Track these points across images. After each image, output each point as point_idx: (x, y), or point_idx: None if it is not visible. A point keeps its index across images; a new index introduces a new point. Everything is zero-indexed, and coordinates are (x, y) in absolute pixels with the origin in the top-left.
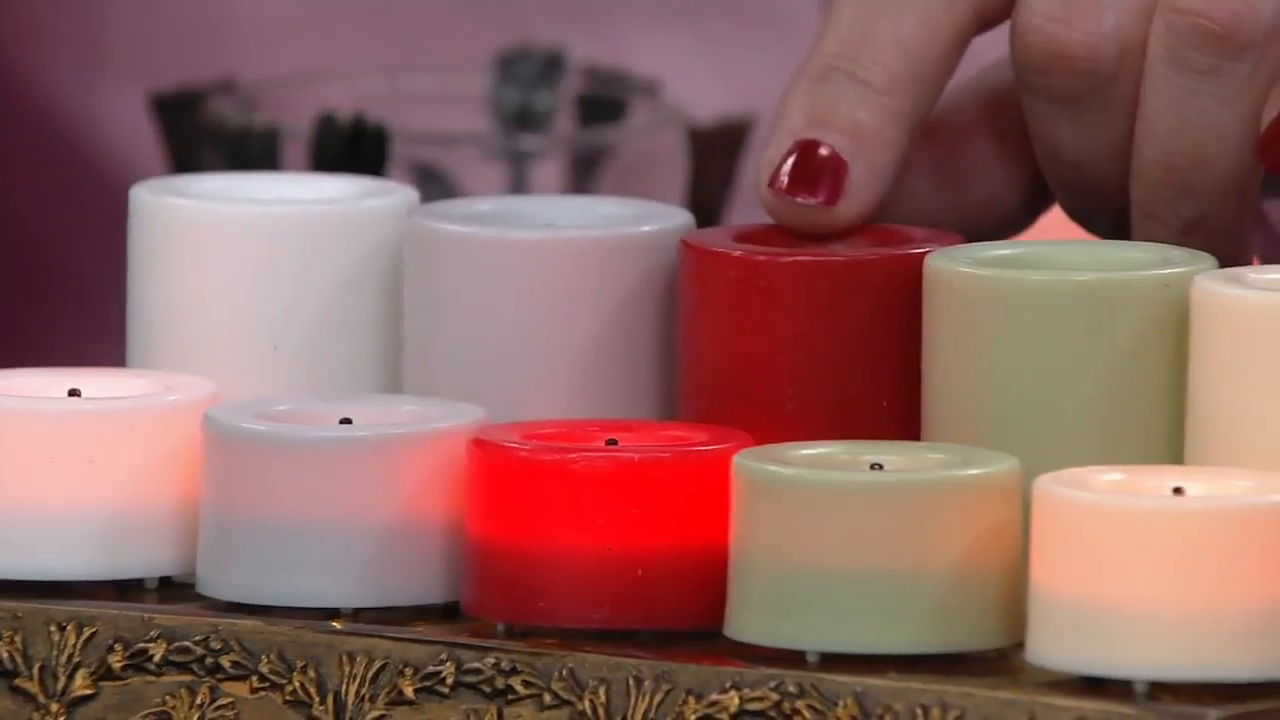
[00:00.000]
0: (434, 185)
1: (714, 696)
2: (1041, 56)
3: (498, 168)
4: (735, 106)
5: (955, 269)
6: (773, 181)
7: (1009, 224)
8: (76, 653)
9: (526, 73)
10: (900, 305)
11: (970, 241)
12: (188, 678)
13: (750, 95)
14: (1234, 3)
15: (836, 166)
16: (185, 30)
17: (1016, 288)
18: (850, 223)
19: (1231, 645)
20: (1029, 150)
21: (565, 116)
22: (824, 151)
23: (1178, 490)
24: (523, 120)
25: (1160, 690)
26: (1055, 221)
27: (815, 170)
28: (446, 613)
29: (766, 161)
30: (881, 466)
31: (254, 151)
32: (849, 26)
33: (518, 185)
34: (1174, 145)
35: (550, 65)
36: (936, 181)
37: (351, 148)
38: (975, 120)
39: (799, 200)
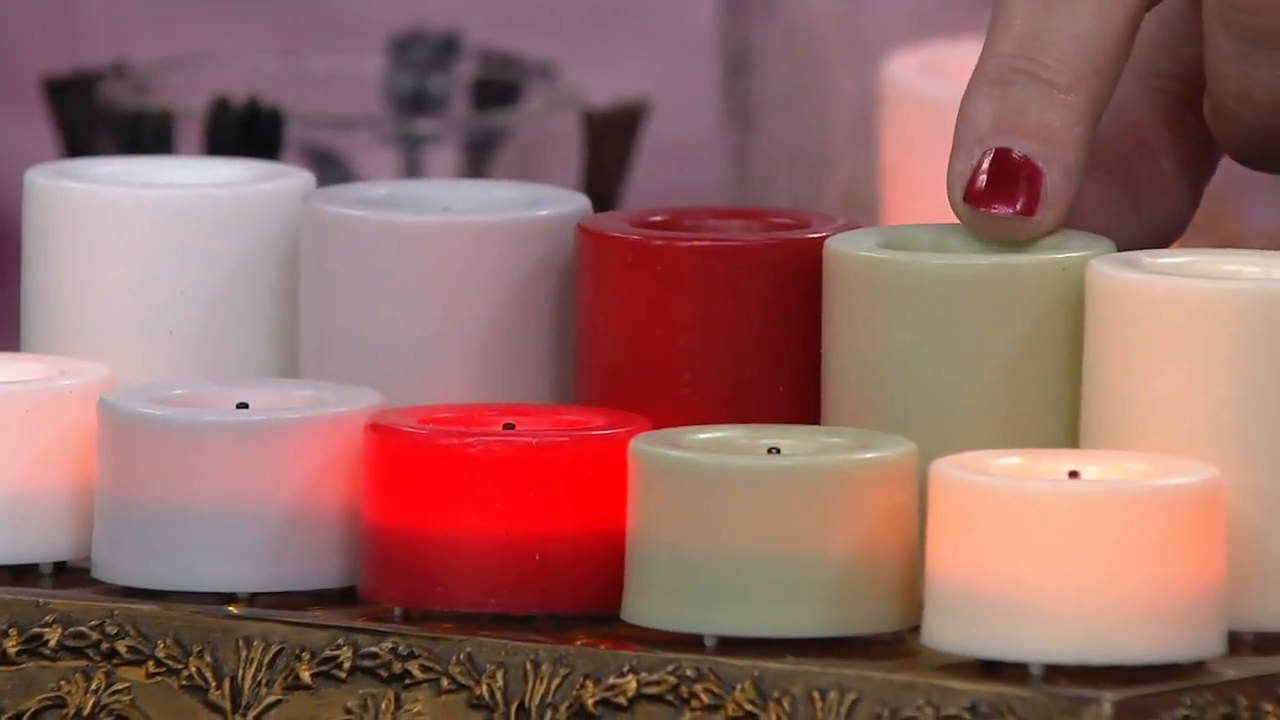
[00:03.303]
0: (329, 169)
1: (612, 680)
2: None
3: (392, 151)
4: (630, 90)
5: (855, 253)
6: (969, 195)
7: (1180, 220)
8: None
9: (421, 56)
10: (798, 289)
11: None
12: (83, 663)
13: (645, 78)
14: None
15: (1032, 174)
16: (76, 14)
17: (915, 271)
18: (1049, 230)
19: (1127, 628)
20: (1196, 141)
21: (460, 100)
22: (1017, 158)
23: (1073, 474)
24: (417, 104)
25: (1056, 673)
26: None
27: (1010, 180)
28: (344, 597)
29: (957, 174)
30: (779, 450)
31: (148, 135)
32: (1023, 25)
33: (412, 169)
34: None
35: (445, 48)
36: (1110, 185)
37: (246, 131)
38: (1147, 119)
39: (996, 212)
